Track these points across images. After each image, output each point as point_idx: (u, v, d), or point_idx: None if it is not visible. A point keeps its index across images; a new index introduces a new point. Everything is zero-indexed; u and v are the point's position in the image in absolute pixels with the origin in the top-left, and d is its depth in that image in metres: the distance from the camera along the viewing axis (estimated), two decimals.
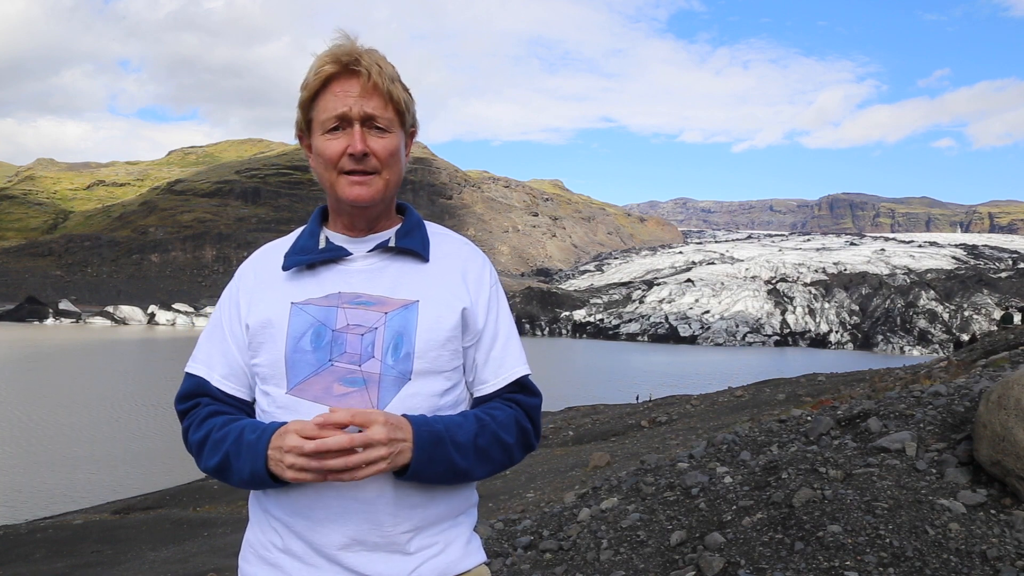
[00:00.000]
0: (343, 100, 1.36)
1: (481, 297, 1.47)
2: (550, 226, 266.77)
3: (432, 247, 1.48)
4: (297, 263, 1.44)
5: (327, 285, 1.42)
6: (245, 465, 1.31)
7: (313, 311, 1.39)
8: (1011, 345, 12.71)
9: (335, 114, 1.36)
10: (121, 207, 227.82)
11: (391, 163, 1.40)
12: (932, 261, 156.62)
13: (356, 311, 1.38)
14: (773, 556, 3.40)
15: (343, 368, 1.35)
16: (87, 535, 10.94)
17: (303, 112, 1.41)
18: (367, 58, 1.36)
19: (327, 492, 1.34)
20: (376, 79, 1.35)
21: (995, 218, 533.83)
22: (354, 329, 1.37)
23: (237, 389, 1.44)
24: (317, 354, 1.36)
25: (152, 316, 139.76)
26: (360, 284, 1.41)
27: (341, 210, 1.46)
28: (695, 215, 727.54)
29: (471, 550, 1.45)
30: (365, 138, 1.37)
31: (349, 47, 1.36)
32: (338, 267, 1.44)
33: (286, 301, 1.41)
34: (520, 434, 1.45)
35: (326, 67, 1.36)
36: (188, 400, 1.45)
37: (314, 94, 1.38)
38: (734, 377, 48.45)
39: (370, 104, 1.36)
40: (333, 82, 1.37)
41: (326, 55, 1.37)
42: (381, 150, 1.38)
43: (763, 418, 9.92)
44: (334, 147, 1.37)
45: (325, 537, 1.34)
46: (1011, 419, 3.38)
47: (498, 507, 8.99)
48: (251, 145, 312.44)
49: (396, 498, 1.35)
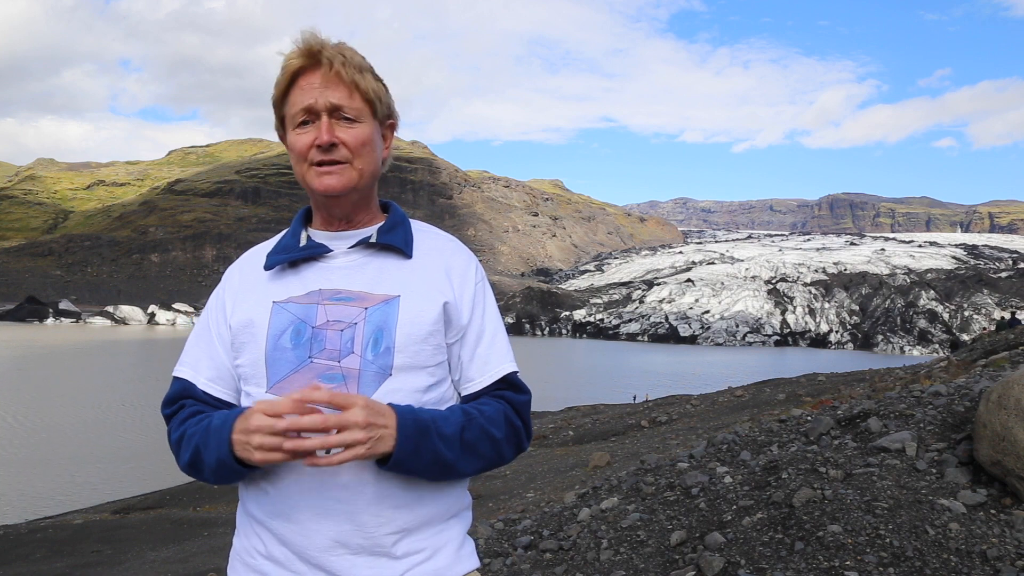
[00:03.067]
0: (308, 93, 1.35)
1: (465, 293, 1.44)
2: (550, 226, 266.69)
3: (416, 243, 1.46)
4: (278, 262, 1.42)
5: (308, 283, 1.40)
6: (212, 454, 1.28)
7: (294, 309, 1.37)
8: (1011, 345, 12.71)
9: (302, 107, 1.36)
10: (121, 207, 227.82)
11: (362, 153, 1.38)
12: (932, 261, 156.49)
13: (336, 307, 1.36)
14: (773, 556, 3.40)
15: (322, 364, 1.33)
16: (87, 535, 10.93)
17: (276, 111, 1.41)
18: (330, 49, 1.36)
19: (307, 492, 1.31)
20: (339, 68, 1.35)
21: (995, 218, 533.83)
22: (334, 325, 1.35)
23: (223, 392, 1.42)
24: (296, 351, 1.34)
25: (152, 316, 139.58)
26: (341, 280, 1.40)
27: (318, 204, 1.45)
28: (695, 215, 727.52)
29: (463, 555, 1.41)
30: (332, 129, 1.36)
31: (311, 40, 1.36)
32: (319, 264, 1.42)
33: (268, 300, 1.39)
34: (510, 430, 1.41)
35: (292, 61, 1.36)
36: (174, 403, 1.43)
37: (283, 91, 1.38)
38: (734, 377, 48.40)
39: (335, 94, 1.35)
40: (299, 76, 1.37)
41: (291, 52, 1.36)
42: (351, 140, 1.37)
43: (763, 418, 9.91)
44: (303, 140, 1.37)
45: (307, 539, 1.31)
46: (1011, 419, 3.38)
47: (498, 507, 8.99)
48: (251, 145, 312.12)
49: (378, 497, 1.32)
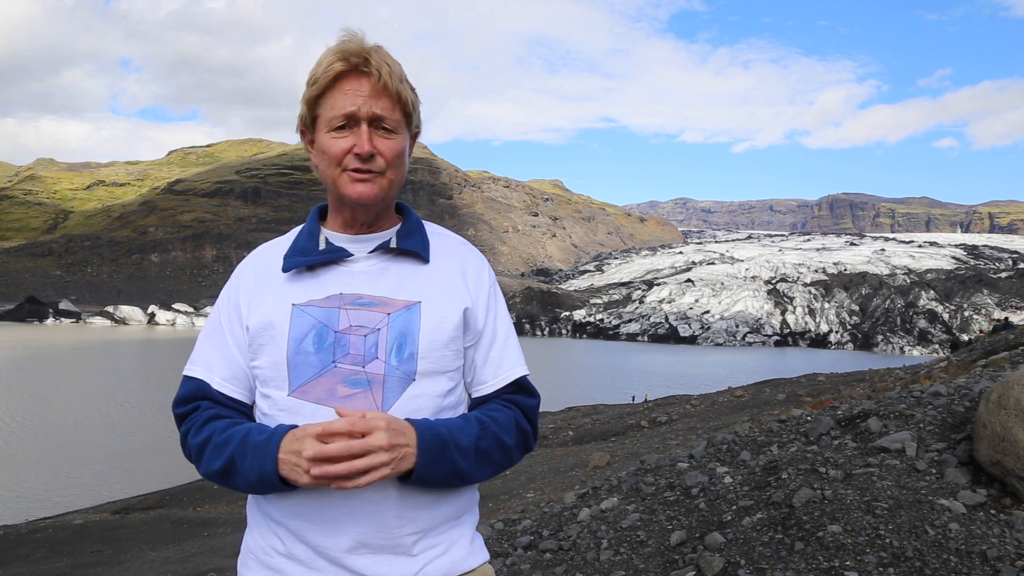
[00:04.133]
0: (352, 99, 1.34)
1: (481, 297, 1.46)
2: (550, 226, 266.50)
3: (432, 248, 1.47)
4: (297, 264, 1.41)
5: (328, 286, 1.40)
6: (253, 468, 1.29)
7: (315, 312, 1.37)
8: (1011, 345, 12.71)
9: (343, 112, 1.35)
10: (121, 207, 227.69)
11: (396, 164, 1.39)
12: (932, 261, 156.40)
13: (358, 312, 1.36)
14: (773, 556, 3.40)
15: (347, 369, 1.33)
16: (87, 535, 10.93)
17: (309, 108, 1.39)
18: (376, 57, 1.35)
19: (333, 495, 1.32)
20: (387, 79, 1.34)
21: (995, 218, 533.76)
22: (357, 330, 1.35)
23: (238, 392, 1.42)
24: (320, 356, 1.34)
25: (152, 316, 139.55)
26: (362, 285, 1.40)
27: (341, 207, 1.44)
28: (695, 215, 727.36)
29: (475, 548, 1.45)
30: (372, 138, 1.36)
31: (358, 45, 1.35)
32: (339, 268, 1.42)
33: (287, 303, 1.38)
34: (520, 436, 1.44)
35: (336, 64, 1.34)
36: (187, 403, 1.42)
37: (323, 91, 1.36)
38: (734, 377, 48.40)
39: (379, 105, 1.35)
40: (342, 80, 1.35)
41: (335, 52, 1.35)
42: (387, 151, 1.37)
43: (763, 418, 9.91)
44: (340, 145, 1.36)
45: (331, 540, 1.32)
46: (1011, 419, 3.38)
47: (498, 507, 8.98)
48: (251, 145, 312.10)
49: (401, 500, 1.34)
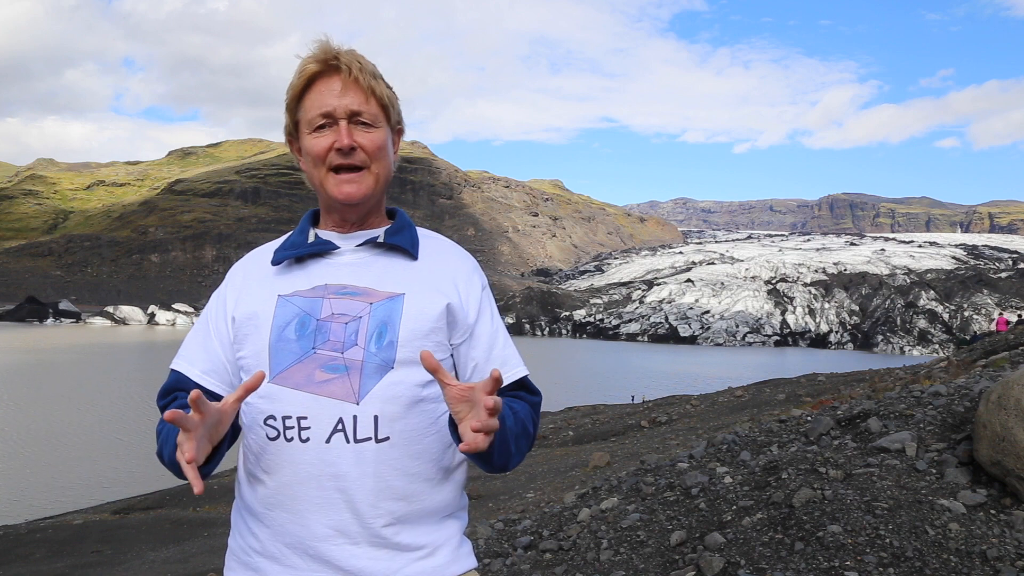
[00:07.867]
0: (327, 97, 1.39)
1: (471, 296, 1.47)
2: (550, 226, 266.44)
3: (421, 247, 1.50)
4: (286, 257, 1.45)
5: (314, 277, 1.43)
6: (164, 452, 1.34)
7: (299, 302, 1.40)
8: (1011, 345, 12.70)
9: (320, 111, 1.39)
10: (121, 207, 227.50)
11: (379, 157, 1.42)
12: (932, 261, 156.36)
13: (341, 301, 1.39)
14: (773, 556, 3.40)
15: (326, 355, 1.36)
16: (87, 535, 10.93)
17: (290, 114, 1.44)
18: (347, 56, 1.40)
19: (306, 482, 1.34)
20: (357, 75, 1.39)
21: (995, 218, 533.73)
22: (339, 318, 1.38)
23: (216, 384, 1.44)
24: (300, 342, 1.37)
25: (152, 316, 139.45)
26: (347, 276, 1.43)
27: (331, 209, 1.47)
28: (695, 215, 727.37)
29: (461, 555, 1.44)
30: (352, 133, 1.39)
31: (327, 47, 1.40)
32: (326, 260, 1.45)
33: (273, 294, 1.42)
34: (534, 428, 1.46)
35: (308, 66, 1.40)
36: (167, 395, 1.45)
37: (299, 94, 1.41)
38: (734, 377, 48.35)
39: (354, 99, 1.39)
40: (316, 81, 1.40)
41: (307, 57, 1.41)
42: (368, 144, 1.40)
43: (763, 418, 9.92)
44: (321, 143, 1.40)
45: (306, 529, 1.34)
46: (1011, 419, 3.38)
47: (498, 507, 8.98)
48: (251, 145, 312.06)
49: (377, 488, 1.35)
